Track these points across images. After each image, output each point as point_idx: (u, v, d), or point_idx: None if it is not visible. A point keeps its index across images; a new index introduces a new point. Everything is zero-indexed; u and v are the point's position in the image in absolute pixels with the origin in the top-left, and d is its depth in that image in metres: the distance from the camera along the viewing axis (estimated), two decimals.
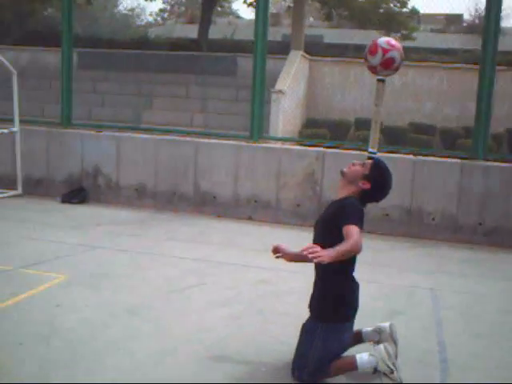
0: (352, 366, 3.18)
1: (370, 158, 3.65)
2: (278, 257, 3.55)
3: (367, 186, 3.38)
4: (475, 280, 5.57)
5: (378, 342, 3.37)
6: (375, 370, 3.15)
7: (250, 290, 4.79)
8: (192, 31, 21.31)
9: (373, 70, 3.76)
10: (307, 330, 3.30)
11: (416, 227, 7.31)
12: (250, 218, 7.71)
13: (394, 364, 3.16)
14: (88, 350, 3.47)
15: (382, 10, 18.05)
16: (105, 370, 3.24)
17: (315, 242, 3.33)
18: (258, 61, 7.85)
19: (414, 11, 19.08)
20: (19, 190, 8.29)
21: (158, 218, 7.48)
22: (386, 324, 3.48)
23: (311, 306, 3.42)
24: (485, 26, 7.37)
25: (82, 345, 3.53)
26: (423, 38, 20.58)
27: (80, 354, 3.40)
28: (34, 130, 8.65)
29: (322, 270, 3.33)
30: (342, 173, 3.48)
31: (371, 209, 7.28)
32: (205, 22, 17.68)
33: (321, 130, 12.11)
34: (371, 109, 3.93)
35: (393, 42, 3.72)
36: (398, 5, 18.71)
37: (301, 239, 6.46)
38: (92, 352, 3.44)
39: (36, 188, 8.49)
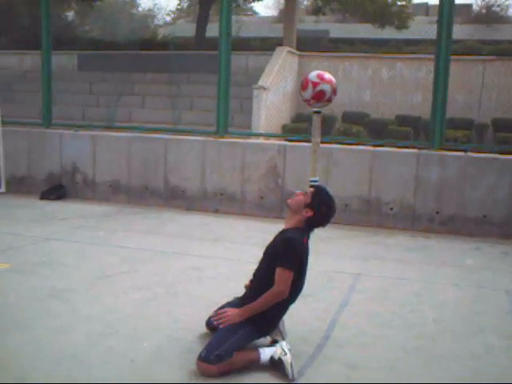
0: (256, 358, 3.38)
1: (311, 186, 3.85)
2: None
3: (310, 213, 3.56)
4: (406, 266, 5.73)
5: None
6: (272, 358, 3.35)
7: (176, 276, 5.06)
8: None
9: (307, 102, 4.01)
10: (236, 324, 3.44)
11: (375, 217, 7.49)
12: (216, 211, 7.98)
13: (288, 349, 3.38)
14: None
15: (375, 2, 18.07)
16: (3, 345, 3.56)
17: (259, 265, 3.68)
18: (223, 58, 8.10)
19: (408, 1, 19.06)
20: (2, 189, 8.67)
21: (126, 211, 7.80)
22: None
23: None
24: (439, 16, 7.46)
25: None
26: (426, 30, 20.50)
27: None
28: (15, 130, 9.03)
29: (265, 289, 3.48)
30: (287, 204, 3.68)
31: None
32: (202, 20, 17.94)
33: (303, 124, 12.35)
34: (313, 140, 4.13)
35: (324, 75, 3.95)
36: None
37: (261, 229, 6.74)
38: None
39: (19, 186, 8.88)
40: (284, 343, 3.42)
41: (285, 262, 3.41)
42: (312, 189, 3.70)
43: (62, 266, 5.22)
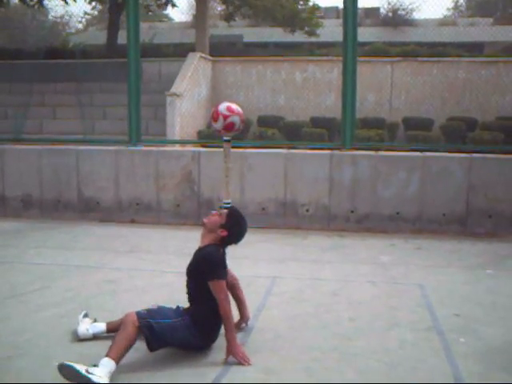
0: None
1: (225, 208, 4.07)
2: None
3: (225, 233, 3.84)
4: (322, 266, 5.80)
5: None
6: None
7: (90, 290, 4.93)
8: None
9: (218, 132, 4.19)
10: (186, 323, 3.65)
11: (292, 219, 7.56)
12: (132, 221, 7.85)
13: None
14: None
15: (285, 8, 18.37)
16: None
17: (188, 286, 3.85)
18: (132, 65, 8.00)
19: (316, 7, 19.53)
20: None
21: (39, 226, 7.56)
22: None
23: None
24: (344, 19, 7.63)
25: None
26: (338, 32, 20.90)
27: None
28: None
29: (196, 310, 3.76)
30: (203, 223, 3.93)
31: (248, 204, 7.54)
32: (112, 28, 17.67)
33: None
34: (225, 166, 4.30)
35: (233, 107, 4.11)
36: (302, 2, 19.15)
37: (178, 237, 6.64)
38: None
39: None
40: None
41: (212, 274, 3.66)
42: (226, 210, 3.96)
43: None
